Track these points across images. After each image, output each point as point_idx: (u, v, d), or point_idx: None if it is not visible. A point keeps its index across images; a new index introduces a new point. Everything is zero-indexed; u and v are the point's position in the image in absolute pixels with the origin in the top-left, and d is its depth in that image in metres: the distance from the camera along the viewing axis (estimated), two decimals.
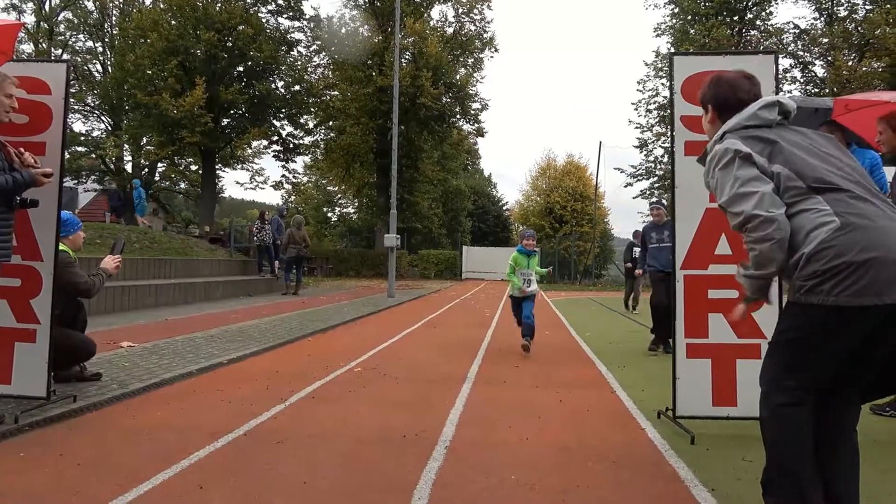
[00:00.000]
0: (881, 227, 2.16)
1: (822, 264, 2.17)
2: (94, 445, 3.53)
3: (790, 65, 31.48)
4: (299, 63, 32.77)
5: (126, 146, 33.02)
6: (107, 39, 33.45)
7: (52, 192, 4.03)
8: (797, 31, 32.54)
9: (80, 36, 33.43)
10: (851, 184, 2.28)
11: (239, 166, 35.02)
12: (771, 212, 2.24)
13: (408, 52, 31.59)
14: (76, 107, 31.65)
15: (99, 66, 33.68)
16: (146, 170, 34.98)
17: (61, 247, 4.59)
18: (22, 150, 3.81)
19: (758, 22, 34.67)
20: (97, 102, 32.68)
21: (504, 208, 60.20)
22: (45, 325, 4.05)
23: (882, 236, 2.15)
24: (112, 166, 33.75)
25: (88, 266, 7.28)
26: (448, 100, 33.65)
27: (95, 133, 33.81)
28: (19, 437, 3.63)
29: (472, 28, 35.27)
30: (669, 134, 4.20)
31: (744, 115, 2.52)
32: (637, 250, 11.37)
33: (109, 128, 33.74)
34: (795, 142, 2.42)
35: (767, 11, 34.52)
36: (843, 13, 32.12)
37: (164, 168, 35.48)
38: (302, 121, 33.69)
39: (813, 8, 32.87)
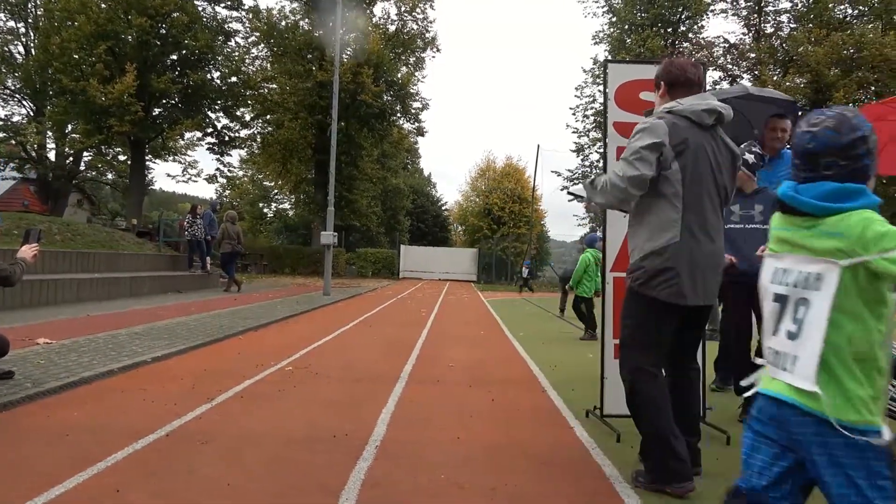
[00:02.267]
0: (701, 250, 2.95)
1: (657, 264, 2.94)
2: (4, 447, 3.34)
3: (720, 77, 32.75)
4: (237, 54, 31.97)
5: (49, 133, 31.48)
6: (30, 20, 31.81)
7: None
8: (727, 45, 33.89)
9: (1, 15, 31.68)
10: (709, 202, 3.00)
11: (171, 158, 33.83)
12: (631, 191, 2.95)
13: (349, 48, 31.29)
14: None
15: (21, 48, 31.99)
16: (71, 158, 33.47)
17: None
18: None
19: (690, 34, 35.97)
20: (18, 86, 31.02)
21: (443, 208, 60.47)
22: None
23: (698, 256, 2.94)
24: (34, 154, 32.11)
25: (5, 257, 6.90)
26: (389, 98, 33.51)
27: (16, 118, 32.11)
28: None
29: (415, 27, 35.30)
30: (603, 139, 4.30)
31: (691, 108, 3.01)
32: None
33: (31, 113, 32.10)
34: (705, 152, 3.00)
35: (699, 25, 35.87)
36: (769, 30, 33.67)
37: (90, 157, 34.00)
38: (238, 113, 32.84)
39: (742, 24, 34.32)
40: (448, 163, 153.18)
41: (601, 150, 39.49)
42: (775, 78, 31.04)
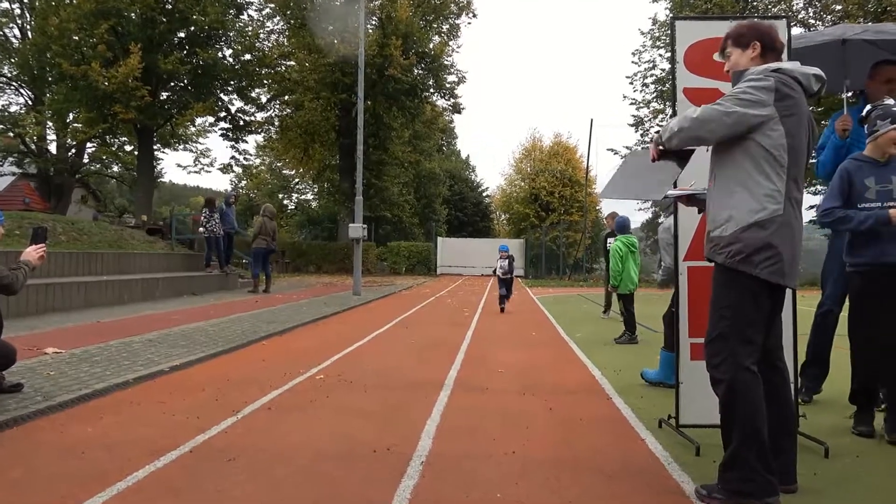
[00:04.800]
0: (798, 226, 3.07)
1: (760, 237, 2.96)
2: (16, 465, 3.45)
3: (800, 34, 31.93)
4: (250, 28, 32.37)
5: (49, 123, 32.34)
6: (26, 0, 32.72)
7: None
8: None
9: None
10: (799, 175, 3.07)
11: (181, 147, 34.50)
12: (729, 129, 3.00)
13: (374, 17, 31.41)
14: None
15: (17, 31, 32.93)
16: (73, 150, 34.36)
17: None
18: None
19: None
20: (15, 73, 31.93)
21: (484, 195, 60.40)
22: None
23: (796, 232, 3.05)
24: (34, 146, 33.05)
25: (7, 260, 7.13)
26: (420, 71, 33.54)
27: (13, 108, 33.06)
28: None
29: None
30: (671, 108, 4.22)
31: (800, 70, 3.08)
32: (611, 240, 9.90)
33: (30, 102, 33.02)
34: (807, 121, 3.07)
35: None
36: None
37: (94, 149, 34.85)
38: (253, 95, 33.29)
39: None
40: (489, 143, 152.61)
41: (663, 123, 38.80)
42: None
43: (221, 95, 32.01)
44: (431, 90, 35.41)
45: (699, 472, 3.48)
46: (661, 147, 3.30)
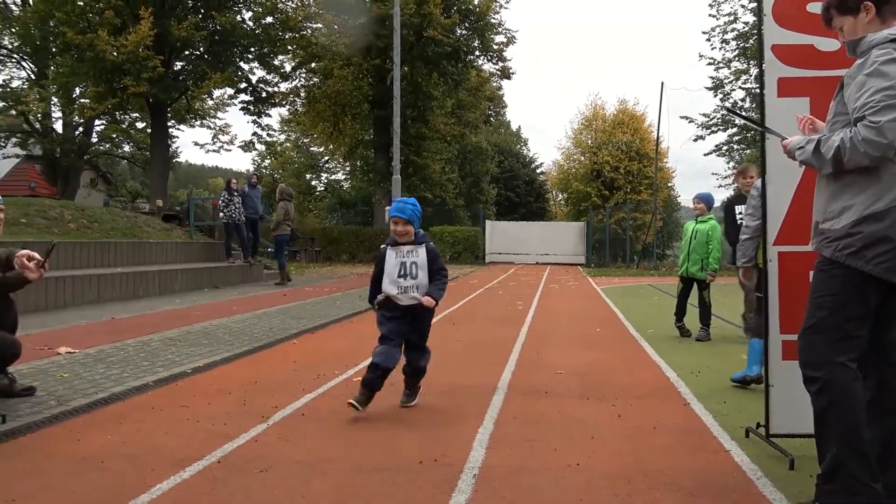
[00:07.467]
0: None
1: (876, 230, 2.91)
2: (29, 476, 3.58)
3: None
4: None
5: (55, 99, 33.07)
6: None
7: None
8: None
9: None
10: None
11: (198, 122, 34.96)
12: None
13: None
14: None
15: None
16: (81, 129, 35.06)
17: None
18: None
19: None
20: (16, 44, 32.69)
21: (538, 171, 60.05)
22: None
23: None
24: (38, 125, 33.82)
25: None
26: (464, 32, 33.33)
27: (15, 83, 33.86)
28: None
29: None
30: (758, 68, 4.14)
31: None
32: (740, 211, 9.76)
33: (32, 76, 33.77)
34: None
35: None
36: None
37: (103, 127, 35.51)
38: (276, 62, 33.51)
39: None
40: (543, 112, 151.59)
41: (747, 86, 37.12)
42: None
43: (241, 64, 32.28)
44: (477, 53, 35.13)
45: (794, 488, 3.44)
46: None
